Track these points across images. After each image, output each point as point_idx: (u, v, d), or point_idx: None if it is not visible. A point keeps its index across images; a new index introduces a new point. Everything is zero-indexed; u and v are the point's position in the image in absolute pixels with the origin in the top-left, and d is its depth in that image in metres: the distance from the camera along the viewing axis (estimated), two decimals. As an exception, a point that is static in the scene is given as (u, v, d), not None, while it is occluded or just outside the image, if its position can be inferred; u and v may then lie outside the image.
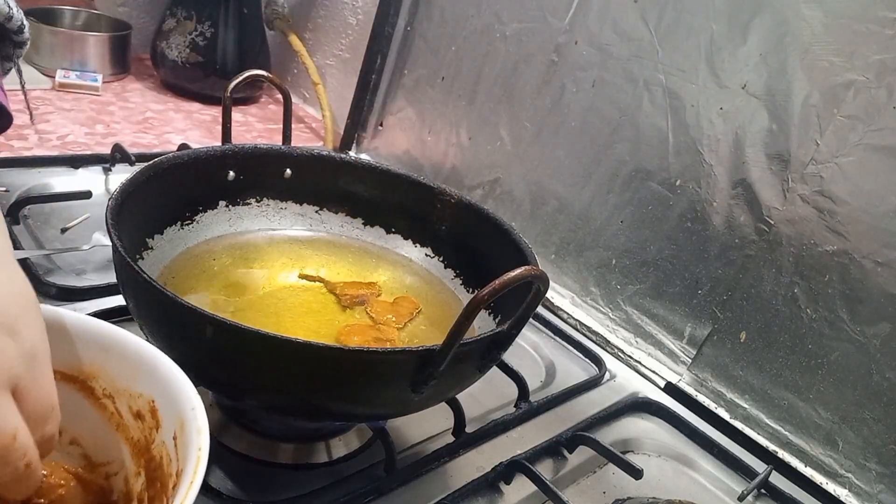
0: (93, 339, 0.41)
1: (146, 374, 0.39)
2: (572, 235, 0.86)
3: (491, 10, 0.93)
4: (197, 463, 0.33)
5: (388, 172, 0.68)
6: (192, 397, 0.37)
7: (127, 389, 0.40)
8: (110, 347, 0.40)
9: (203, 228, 0.63)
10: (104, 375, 0.41)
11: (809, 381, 0.67)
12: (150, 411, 0.39)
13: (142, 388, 0.40)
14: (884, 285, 0.62)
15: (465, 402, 0.60)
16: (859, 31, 0.62)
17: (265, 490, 0.52)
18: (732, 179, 0.71)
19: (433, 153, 1.03)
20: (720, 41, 0.71)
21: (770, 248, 0.69)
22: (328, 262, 0.66)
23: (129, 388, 0.40)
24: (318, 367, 0.43)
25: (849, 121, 0.63)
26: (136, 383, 0.40)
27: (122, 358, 0.40)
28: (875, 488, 0.63)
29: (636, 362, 0.79)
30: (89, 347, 0.41)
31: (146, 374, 0.39)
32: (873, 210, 0.62)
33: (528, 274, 0.42)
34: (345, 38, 1.20)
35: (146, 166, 0.55)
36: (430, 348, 0.43)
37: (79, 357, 0.41)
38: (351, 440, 0.58)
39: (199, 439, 0.34)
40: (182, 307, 0.42)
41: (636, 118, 0.79)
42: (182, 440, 0.36)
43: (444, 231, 0.66)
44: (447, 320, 0.57)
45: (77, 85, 1.09)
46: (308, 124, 1.26)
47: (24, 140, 0.92)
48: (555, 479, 0.59)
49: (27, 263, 0.65)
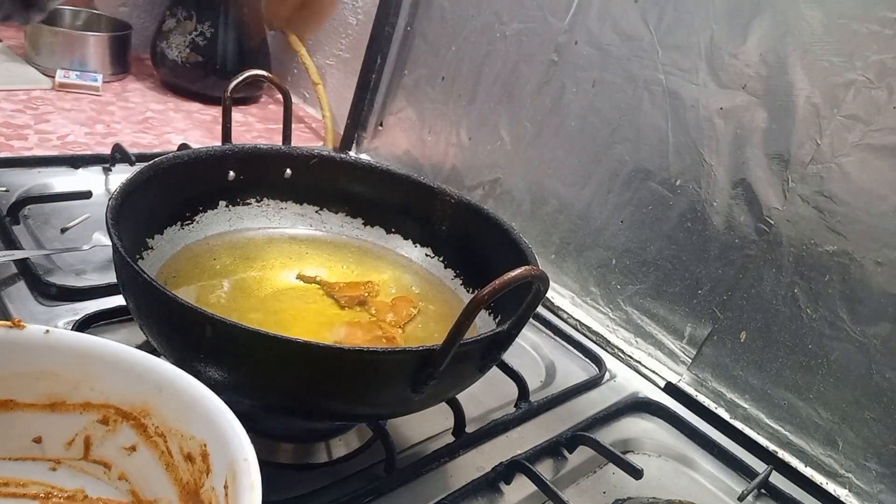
0: (148, 377, 0.40)
1: (199, 417, 0.39)
2: (572, 235, 0.86)
3: (491, 10, 0.93)
4: None
5: (388, 172, 0.68)
6: (245, 447, 0.36)
7: (179, 430, 0.40)
8: (165, 386, 0.40)
9: (203, 228, 0.63)
10: (157, 414, 0.41)
11: (809, 381, 0.67)
12: (201, 455, 0.39)
13: (194, 430, 0.39)
14: (884, 285, 0.62)
15: (465, 402, 0.60)
16: (859, 31, 0.62)
17: (265, 490, 0.52)
18: (732, 179, 0.71)
19: (433, 153, 1.03)
20: (720, 41, 0.71)
21: (770, 248, 0.69)
22: (328, 262, 0.66)
23: (182, 429, 0.40)
24: (318, 367, 0.43)
25: (849, 121, 0.63)
26: (188, 425, 0.39)
27: (176, 398, 0.40)
28: (875, 488, 0.63)
29: (636, 362, 0.79)
30: (145, 384, 0.41)
31: (199, 416, 0.39)
32: (873, 210, 0.62)
33: (528, 274, 0.42)
34: (345, 38, 1.20)
35: (146, 166, 0.55)
36: (430, 348, 0.43)
37: (133, 393, 0.41)
38: (351, 440, 0.58)
39: (251, 495, 0.34)
40: (182, 307, 0.42)
41: (636, 118, 0.79)
42: (233, 491, 0.35)
43: (444, 231, 0.66)
44: (447, 320, 0.57)
45: (77, 85, 1.09)
46: (308, 124, 1.26)
47: (24, 140, 0.92)
48: (555, 479, 0.59)
49: (27, 263, 0.65)
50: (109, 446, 0.42)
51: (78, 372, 0.41)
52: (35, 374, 0.41)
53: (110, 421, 0.42)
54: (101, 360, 0.41)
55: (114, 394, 0.41)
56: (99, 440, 0.42)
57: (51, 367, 0.41)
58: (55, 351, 0.40)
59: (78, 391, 0.41)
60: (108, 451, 0.42)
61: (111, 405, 0.41)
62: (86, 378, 0.41)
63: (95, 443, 0.42)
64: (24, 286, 0.64)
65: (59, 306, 0.63)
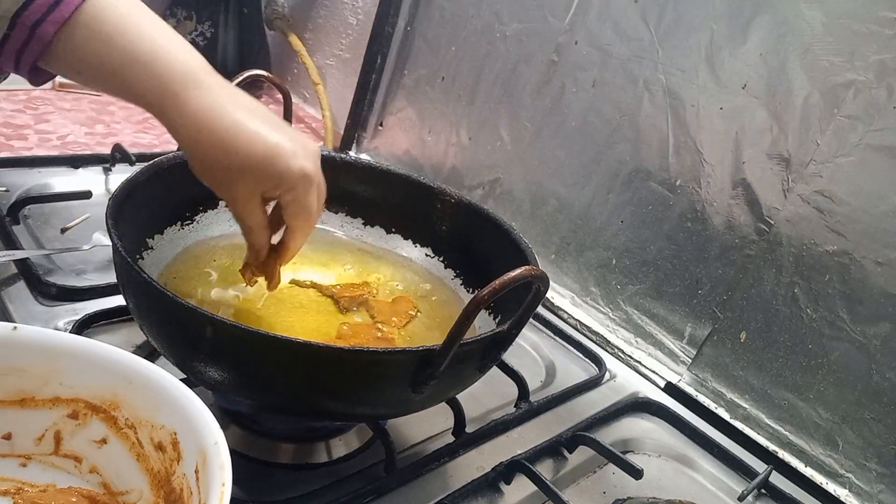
0: (117, 370, 0.41)
1: (168, 407, 0.39)
2: (572, 235, 0.86)
3: (491, 10, 0.93)
4: (221, 498, 0.33)
5: (388, 172, 0.68)
6: (214, 432, 0.37)
7: (149, 421, 0.40)
8: (134, 378, 0.41)
9: (203, 228, 0.63)
10: (127, 406, 0.41)
11: (809, 381, 0.67)
12: (171, 443, 0.39)
13: (164, 419, 0.40)
14: (884, 285, 0.62)
15: (465, 402, 0.60)
16: (859, 31, 0.62)
17: (265, 490, 0.52)
18: (732, 179, 0.71)
19: (433, 153, 1.03)
20: (720, 41, 0.71)
21: (770, 248, 0.69)
22: (328, 262, 0.66)
23: (152, 419, 0.40)
24: (318, 367, 0.43)
25: (849, 121, 0.63)
26: (158, 415, 0.40)
27: (145, 389, 0.40)
28: (875, 488, 0.63)
29: (636, 362, 0.79)
30: (114, 377, 0.41)
31: (169, 406, 0.39)
32: (873, 210, 0.62)
33: (528, 274, 0.42)
34: (345, 38, 1.20)
35: (146, 166, 0.55)
36: (430, 348, 0.43)
37: (103, 386, 0.41)
38: (351, 440, 0.58)
39: (222, 475, 0.34)
40: (182, 307, 0.42)
41: (636, 118, 0.79)
42: (204, 474, 0.36)
43: (444, 231, 0.66)
44: (447, 320, 0.57)
45: (77, 85, 1.09)
46: (308, 124, 1.26)
47: (24, 140, 0.92)
48: (555, 479, 0.59)
49: (27, 263, 0.65)
50: (80, 440, 0.43)
51: (47, 367, 0.41)
52: (3, 371, 0.41)
53: (80, 415, 0.42)
54: (69, 355, 0.41)
55: (83, 388, 0.41)
56: (69, 434, 0.43)
57: (19, 364, 0.41)
58: (23, 347, 0.41)
59: (47, 386, 0.42)
60: (78, 444, 0.43)
61: (81, 399, 0.42)
62: (55, 373, 0.41)
63: (66, 437, 0.43)
64: (24, 286, 0.64)
65: (59, 306, 0.63)
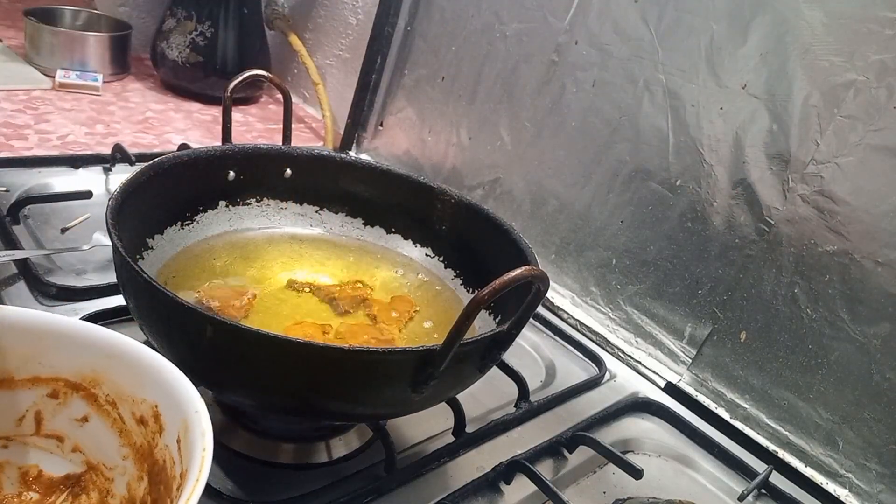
0: (96, 346, 0.41)
1: (149, 380, 0.39)
2: (572, 235, 0.86)
3: (491, 10, 0.93)
4: (202, 463, 0.33)
5: (388, 172, 0.68)
6: (195, 400, 0.37)
7: (130, 396, 0.40)
8: (113, 354, 0.40)
9: (203, 228, 0.63)
10: (107, 382, 0.41)
11: (809, 381, 0.67)
12: (153, 416, 0.39)
13: (145, 393, 0.40)
14: (884, 285, 0.62)
15: (465, 402, 0.60)
16: (859, 31, 0.62)
17: (265, 490, 0.52)
18: (732, 179, 0.71)
19: (433, 153, 1.03)
20: (720, 41, 0.71)
21: (770, 248, 0.69)
22: (328, 262, 0.66)
23: (133, 394, 0.40)
24: (318, 367, 0.43)
25: (849, 121, 0.63)
26: (139, 389, 0.40)
27: (125, 364, 0.40)
28: (875, 488, 0.63)
29: (636, 362, 0.79)
30: (93, 354, 0.41)
31: (149, 379, 0.39)
32: (873, 210, 0.62)
33: (529, 274, 0.42)
34: (345, 38, 1.20)
35: (146, 166, 0.55)
36: (430, 348, 0.43)
37: (82, 364, 0.41)
38: (351, 440, 0.58)
39: (203, 441, 0.35)
40: (182, 307, 0.42)
41: (636, 118, 0.79)
42: (186, 443, 0.36)
43: (444, 231, 0.66)
44: (447, 320, 0.57)
45: (77, 85, 1.09)
46: (308, 124, 1.26)
47: (24, 140, 0.92)
48: (555, 479, 0.59)
49: (27, 263, 0.65)
50: (61, 419, 0.42)
51: (24, 347, 0.41)
52: None
53: (60, 394, 0.42)
54: (47, 335, 0.41)
55: (62, 366, 0.41)
56: (50, 414, 0.42)
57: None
58: (1, 328, 0.40)
59: (26, 367, 0.41)
60: (60, 424, 0.43)
61: (60, 378, 0.41)
62: (33, 353, 0.41)
63: (47, 417, 0.43)
64: (24, 286, 0.64)
65: (59, 306, 0.63)
